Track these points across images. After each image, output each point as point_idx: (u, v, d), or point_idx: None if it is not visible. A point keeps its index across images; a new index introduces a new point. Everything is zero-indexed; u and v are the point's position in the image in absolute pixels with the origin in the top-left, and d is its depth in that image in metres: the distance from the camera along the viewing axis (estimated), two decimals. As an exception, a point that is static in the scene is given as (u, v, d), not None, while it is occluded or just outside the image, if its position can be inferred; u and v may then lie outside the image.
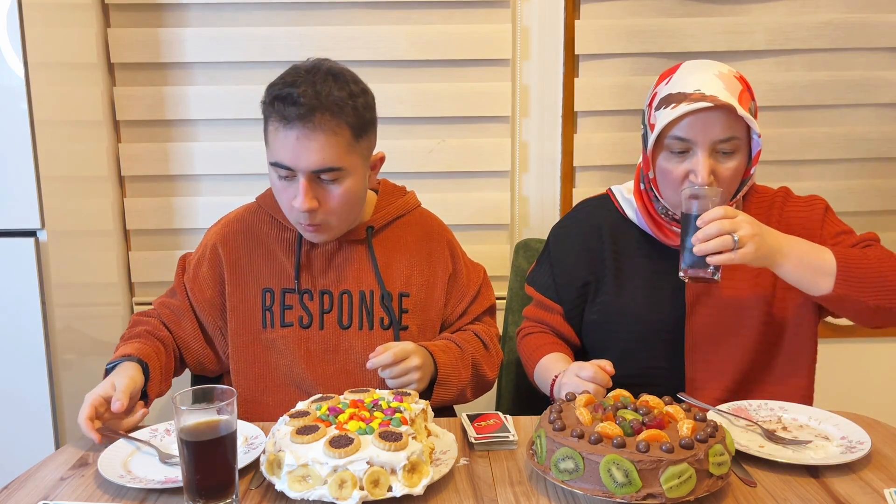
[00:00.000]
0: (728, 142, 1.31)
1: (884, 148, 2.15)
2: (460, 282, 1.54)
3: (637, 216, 1.47)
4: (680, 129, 1.32)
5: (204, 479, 0.99)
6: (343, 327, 1.44)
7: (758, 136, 1.32)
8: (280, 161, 1.32)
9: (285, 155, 1.31)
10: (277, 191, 1.38)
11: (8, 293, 1.67)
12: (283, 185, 1.35)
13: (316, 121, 1.28)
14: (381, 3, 2.05)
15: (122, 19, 2.04)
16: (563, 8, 2.07)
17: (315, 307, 1.43)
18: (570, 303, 1.51)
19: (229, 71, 2.07)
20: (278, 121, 1.30)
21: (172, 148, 2.10)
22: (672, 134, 1.32)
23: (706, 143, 1.31)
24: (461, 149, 2.13)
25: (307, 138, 1.29)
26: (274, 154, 1.33)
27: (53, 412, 1.71)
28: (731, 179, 1.33)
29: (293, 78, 1.32)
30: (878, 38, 2.10)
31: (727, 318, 1.40)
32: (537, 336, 1.52)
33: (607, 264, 1.48)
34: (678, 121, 1.31)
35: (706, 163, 1.31)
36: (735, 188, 1.37)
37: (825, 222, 1.43)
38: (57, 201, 1.72)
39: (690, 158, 1.33)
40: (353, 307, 1.44)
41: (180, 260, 1.54)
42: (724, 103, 1.28)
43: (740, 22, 2.08)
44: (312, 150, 1.29)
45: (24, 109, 1.62)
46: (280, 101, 1.29)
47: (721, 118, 1.29)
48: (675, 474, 0.97)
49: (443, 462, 1.11)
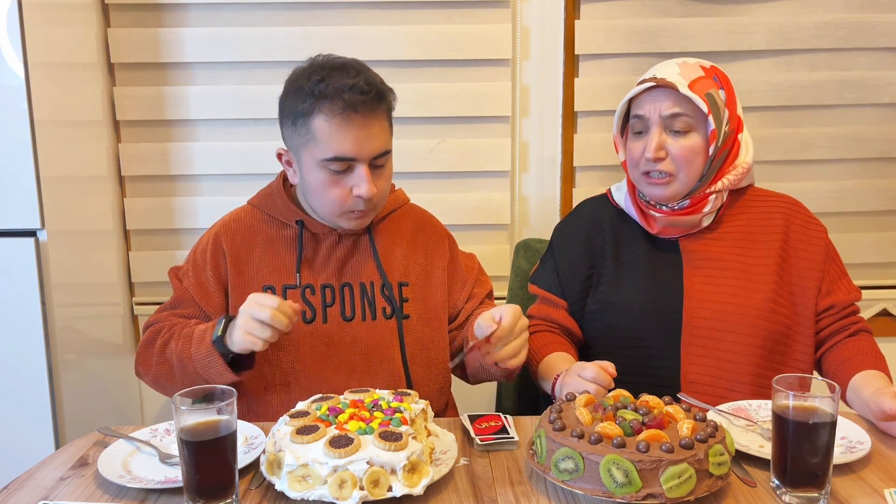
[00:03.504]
0: (678, 118, 1.40)
1: (884, 148, 2.15)
2: (459, 268, 1.56)
3: (627, 205, 1.53)
4: (636, 107, 1.45)
5: (204, 479, 0.99)
6: (346, 319, 1.44)
7: (706, 114, 1.39)
8: (342, 154, 1.32)
9: (348, 146, 1.32)
10: (326, 187, 1.36)
11: (8, 293, 1.67)
12: (335, 179, 1.35)
13: (376, 108, 1.33)
14: (381, 3, 2.05)
15: (122, 19, 2.04)
16: (563, 8, 2.08)
17: (318, 301, 1.44)
18: (574, 296, 1.53)
19: (229, 71, 2.07)
20: (339, 114, 1.31)
21: (172, 148, 2.10)
22: (633, 114, 1.46)
23: (656, 119, 1.41)
24: (461, 149, 2.13)
25: (368, 126, 1.32)
26: (331, 149, 1.33)
27: (53, 412, 1.71)
28: (684, 158, 1.41)
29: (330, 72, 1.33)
30: (878, 38, 2.10)
31: (726, 314, 1.41)
32: (542, 335, 1.53)
33: (608, 257, 1.51)
34: (635, 100, 1.45)
35: (655, 137, 1.41)
36: (695, 167, 1.42)
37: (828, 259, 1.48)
38: (57, 201, 1.72)
39: (646, 136, 1.43)
40: (356, 299, 1.45)
41: (171, 273, 1.49)
42: (666, 82, 1.40)
43: (740, 22, 2.08)
44: (373, 137, 1.33)
45: (24, 109, 1.62)
46: (348, 91, 1.30)
47: (668, 96, 1.41)
48: (675, 474, 0.97)
49: (443, 462, 1.11)
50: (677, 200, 1.45)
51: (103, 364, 2.00)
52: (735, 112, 1.44)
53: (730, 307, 1.41)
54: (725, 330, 1.41)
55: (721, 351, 1.41)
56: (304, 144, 1.36)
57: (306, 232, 1.46)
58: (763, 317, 1.40)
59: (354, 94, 1.30)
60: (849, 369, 1.37)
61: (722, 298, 1.42)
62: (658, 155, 1.40)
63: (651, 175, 1.43)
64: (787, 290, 1.44)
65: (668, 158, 1.41)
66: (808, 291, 1.44)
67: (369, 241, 1.48)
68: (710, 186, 1.45)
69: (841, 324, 1.45)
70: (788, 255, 1.46)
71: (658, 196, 1.45)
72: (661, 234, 1.48)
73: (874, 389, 1.27)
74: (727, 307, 1.41)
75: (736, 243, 1.47)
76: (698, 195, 1.45)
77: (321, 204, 1.40)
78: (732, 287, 1.43)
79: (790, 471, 1.02)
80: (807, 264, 1.46)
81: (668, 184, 1.43)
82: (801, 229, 1.48)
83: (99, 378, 1.96)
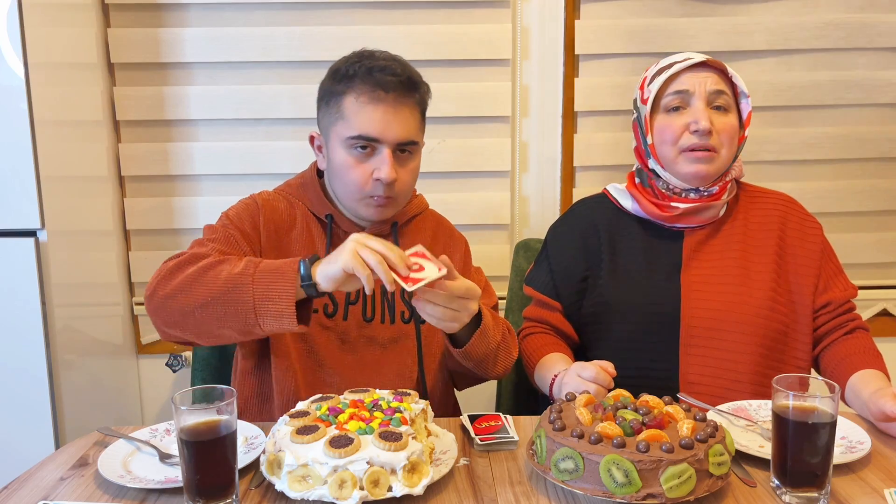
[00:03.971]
0: (721, 95, 1.42)
1: (884, 148, 2.15)
2: (471, 279, 1.53)
3: (633, 204, 1.51)
4: (677, 84, 1.43)
5: (204, 479, 0.99)
6: (367, 320, 1.44)
7: (746, 97, 1.43)
8: (366, 133, 1.35)
9: (373, 127, 1.34)
10: (348, 167, 1.38)
11: (8, 293, 1.67)
12: (359, 159, 1.37)
13: (407, 94, 1.36)
14: (381, 3, 2.05)
15: (122, 19, 2.04)
16: (563, 8, 2.08)
17: (341, 297, 1.43)
18: (568, 298, 1.52)
19: (229, 71, 2.07)
20: (367, 92, 1.34)
21: (172, 148, 2.10)
22: (669, 91, 1.44)
23: (702, 94, 1.41)
24: (461, 149, 2.13)
25: (396, 111, 1.35)
26: (357, 127, 1.35)
27: (53, 412, 1.71)
28: (728, 134, 1.42)
29: (369, 57, 1.37)
30: (878, 38, 2.10)
31: (724, 313, 1.41)
32: (538, 336, 1.53)
33: (603, 258, 1.50)
34: (674, 78, 1.43)
35: (705, 109, 1.41)
36: (733, 147, 1.44)
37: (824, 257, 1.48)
38: (57, 201, 1.72)
39: (688, 110, 1.42)
40: (377, 300, 1.45)
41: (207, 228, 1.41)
42: (715, 61, 1.42)
43: (740, 22, 2.08)
44: (400, 122, 1.36)
45: (24, 109, 1.62)
46: (379, 72, 1.34)
47: (712, 74, 1.42)
48: (675, 474, 0.97)
49: (443, 462, 1.11)
50: (710, 181, 1.45)
51: (103, 364, 2.00)
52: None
53: (728, 307, 1.41)
54: (724, 329, 1.41)
55: (720, 351, 1.40)
56: (334, 123, 1.38)
57: (336, 227, 1.46)
58: (762, 315, 1.40)
59: (386, 74, 1.34)
60: (847, 368, 1.37)
61: (720, 298, 1.42)
62: (708, 126, 1.40)
63: (695, 150, 1.41)
64: (785, 288, 1.44)
65: (713, 133, 1.41)
66: (805, 289, 1.45)
67: (395, 243, 1.46)
68: (729, 173, 1.47)
69: (838, 321, 1.45)
70: (785, 254, 1.46)
71: (701, 172, 1.42)
72: (676, 223, 1.47)
73: (873, 390, 1.27)
74: (725, 307, 1.41)
75: (734, 243, 1.47)
76: (723, 181, 1.46)
77: (343, 185, 1.40)
78: (731, 286, 1.43)
79: (790, 471, 1.02)
80: (803, 262, 1.46)
81: (712, 159, 1.42)
82: (797, 227, 1.48)
83: (99, 378, 1.96)
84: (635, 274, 1.47)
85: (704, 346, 1.41)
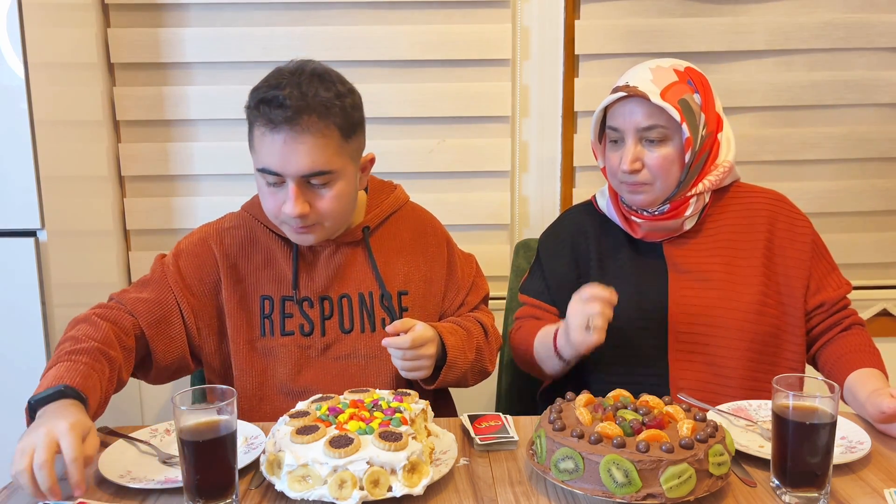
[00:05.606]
0: (652, 129, 1.38)
1: (884, 148, 2.15)
2: (456, 275, 1.54)
3: (610, 210, 1.52)
4: (610, 119, 1.43)
5: (204, 479, 0.99)
6: (345, 331, 1.42)
7: (679, 122, 1.38)
8: (268, 167, 1.28)
9: (273, 160, 1.27)
10: (264, 195, 1.34)
11: (8, 293, 1.67)
12: (272, 191, 1.31)
13: (303, 123, 1.25)
14: (381, 3, 2.05)
15: (122, 19, 2.04)
16: (563, 8, 2.07)
17: (316, 314, 1.41)
18: (564, 303, 1.51)
19: (229, 71, 2.07)
20: (264, 125, 1.26)
21: (172, 148, 2.10)
22: (608, 123, 1.43)
23: (631, 131, 1.39)
24: (461, 149, 2.13)
25: (295, 142, 1.25)
26: (261, 160, 1.29)
27: (53, 412, 1.71)
28: (660, 167, 1.40)
29: (277, 80, 1.28)
30: (878, 38, 2.10)
31: (711, 318, 1.40)
32: (528, 321, 1.53)
33: (592, 265, 1.50)
34: (610, 108, 1.43)
35: (630, 149, 1.40)
36: (672, 175, 1.41)
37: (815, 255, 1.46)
38: (57, 201, 1.72)
39: (622, 147, 1.41)
40: (354, 310, 1.43)
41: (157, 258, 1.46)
42: (638, 92, 1.37)
43: (740, 22, 2.08)
44: (301, 154, 1.26)
45: (24, 109, 1.62)
46: (266, 105, 1.25)
47: (641, 106, 1.38)
48: (675, 474, 0.97)
49: (443, 462, 1.11)
50: (657, 206, 1.44)
51: (103, 364, 1.99)
52: (713, 113, 1.42)
53: (715, 311, 1.40)
54: (712, 334, 1.40)
55: (709, 355, 1.40)
56: (251, 149, 1.34)
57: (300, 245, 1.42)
58: (750, 319, 1.39)
59: (274, 107, 1.25)
60: (844, 367, 1.37)
61: (707, 303, 1.41)
62: (634, 167, 1.39)
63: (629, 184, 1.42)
64: (775, 289, 1.43)
65: (644, 169, 1.40)
66: (797, 291, 1.43)
67: (366, 250, 1.45)
68: (690, 190, 1.43)
69: (833, 319, 1.45)
70: (774, 254, 1.45)
71: (638, 202, 1.44)
72: (646, 238, 1.47)
73: (871, 390, 1.27)
74: (712, 311, 1.40)
75: (720, 245, 1.45)
76: (678, 199, 1.43)
77: (266, 211, 1.37)
78: (717, 290, 1.41)
79: (790, 471, 1.02)
80: (794, 263, 1.44)
81: (646, 192, 1.42)
82: (786, 226, 1.47)
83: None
84: (623, 281, 1.45)
85: (692, 350, 1.41)
